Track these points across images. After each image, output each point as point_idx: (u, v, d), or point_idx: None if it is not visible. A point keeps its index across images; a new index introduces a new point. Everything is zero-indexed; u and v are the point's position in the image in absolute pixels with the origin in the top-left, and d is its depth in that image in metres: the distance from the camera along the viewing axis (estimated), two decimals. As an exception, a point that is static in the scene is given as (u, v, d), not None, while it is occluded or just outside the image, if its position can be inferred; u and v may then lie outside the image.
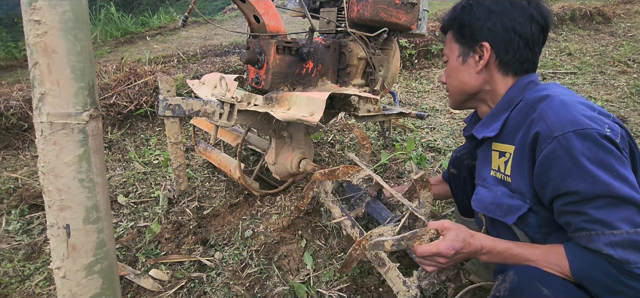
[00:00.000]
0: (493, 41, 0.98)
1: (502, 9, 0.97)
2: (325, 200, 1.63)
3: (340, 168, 1.50)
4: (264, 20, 1.66)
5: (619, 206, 0.77)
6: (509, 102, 0.99)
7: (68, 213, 0.84)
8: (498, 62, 1.00)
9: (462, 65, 1.05)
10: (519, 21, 0.96)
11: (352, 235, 1.45)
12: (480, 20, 0.99)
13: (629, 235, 0.75)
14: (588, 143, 0.78)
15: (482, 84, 1.04)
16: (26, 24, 0.76)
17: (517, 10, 0.96)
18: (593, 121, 0.80)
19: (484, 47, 0.99)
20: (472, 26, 1.01)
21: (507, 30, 0.96)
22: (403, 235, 1.01)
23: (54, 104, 0.79)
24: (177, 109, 1.47)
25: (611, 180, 0.77)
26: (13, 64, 4.92)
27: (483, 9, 0.99)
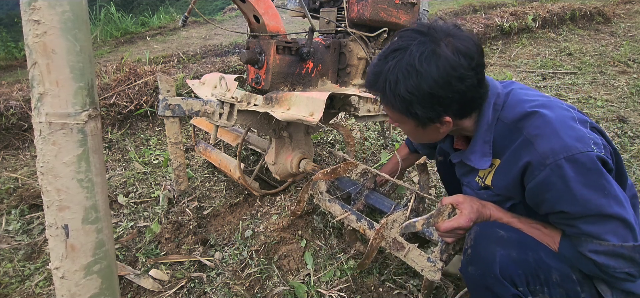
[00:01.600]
0: (447, 112, 0.94)
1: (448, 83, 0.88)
2: (322, 199, 1.63)
3: (340, 166, 1.52)
4: (264, 20, 1.66)
5: (606, 221, 0.86)
6: (490, 125, 1.00)
7: (67, 213, 0.84)
8: (458, 117, 0.98)
9: (424, 130, 1.00)
10: (469, 85, 0.90)
11: (360, 229, 1.47)
12: (428, 106, 0.91)
13: (614, 247, 0.86)
14: (579, 168, 0.85)
15: (447, 131, 1.01)
16: (25, 24, 0.76)
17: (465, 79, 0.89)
18: (581, 142, 0.85)
19: (444, 120, 0.95)
20: (425, 116, 0.93)
21: (460, 101, 0.92)
22: (431, 214, 1.08)
23: (53, 104, 0.79)
24: (177, 109, 1.47)
25: (601, 200, 0.85)
26: (13, 64, 4.92)
27: (422, 93, 0.89)
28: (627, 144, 2.53)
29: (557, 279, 0.94)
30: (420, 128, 1.00)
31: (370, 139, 2.81)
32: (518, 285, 0.94)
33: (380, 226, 1.28)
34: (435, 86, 0.88)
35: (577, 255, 0.92)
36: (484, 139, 1.01)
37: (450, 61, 0.87)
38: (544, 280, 0.94)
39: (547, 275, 0.94)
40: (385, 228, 1.29)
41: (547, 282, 0.94)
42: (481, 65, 0.93)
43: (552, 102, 0.96)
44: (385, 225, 1.29)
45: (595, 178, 0.85)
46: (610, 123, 2.85)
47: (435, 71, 0.87)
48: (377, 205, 1.62)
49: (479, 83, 0.93)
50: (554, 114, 0.90)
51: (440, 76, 0.87)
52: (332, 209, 1.59)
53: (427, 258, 1.23)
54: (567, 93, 3.53)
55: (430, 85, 0.88)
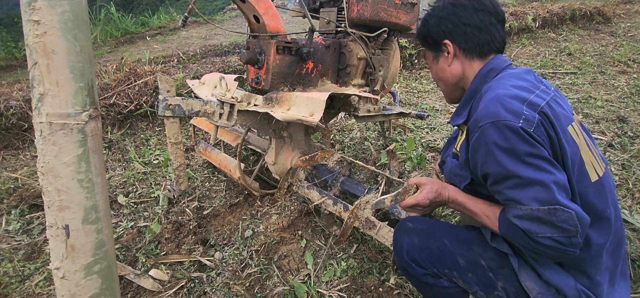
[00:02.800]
0: (451, 38, 1.16)
1: (448, 12, 1.16)
2: (301, 186, 1.76)
3: (318, 154, 1.66)
4: (264, 21, 1.66)
5: (527, 187, 0.91)
6: (473, 91, 1.14)
7: (67, 214, 0.84)
8: (462, 51, 1.16)
9: (437, 64, 1.23)
10: (465, 15, 1.13)
11: (335, 212, 1.61)
12: (434, 27, 1.19)
13: (531, 211, 0.90)
14: (501, 133, 0.92)
15: (457, 73, 1.19)
16: (25, 24, 0.76)
17: (461, 7, 1.14)
18: (511, 114, 0.93)
19: (446, 44, 1.16)
20: (432, 34, 1.20)
21: (457, 25, 1.14)
22: (398, 192, 1.24)
23: (53, 105, 0.79)
24: (177, 109, 1.47)
25: (518, 165, 0.91)
26: (13, 64, 4.92)
27: (434, 18, 1.19)
28: (627, 144, 2.53)
29: (464, 264, 1.07)
30: (435, 62, 1.23)
31: (371, 139, 2.81)
32: (424, 267, 1.12)
33: (354, 207, 1.42)
34: (442, 9, 1.16)
35: (510, 226, 0.96)
36: (465, 102, 1.16)
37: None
38: (450, 264, 1.09)
39: (453, 260, 1.08)
40: (359, 208, 1.44)
41: (455, 266, 1.08)
42: (496, 18, 1.13)
43: (520, 79, 1.05)
44: (358, 205, 1.43)
45: (515, 144, 0.91)
46: (610, 123, 2.85)
47: (442, 4, 1.17)
48: (351, 190, 1.78)
49: (488, 28, 1.12)
50: (506, 92, 0.98)
51: (444, 2, 1.17)
52: (310, 195, 1.72)
53: None
54: (567, 93, 3.53)
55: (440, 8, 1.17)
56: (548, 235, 0.90)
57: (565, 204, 0.88)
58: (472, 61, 1.16)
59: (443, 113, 3.27)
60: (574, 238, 0.89)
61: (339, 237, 1.49)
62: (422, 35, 1.25)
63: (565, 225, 0.88)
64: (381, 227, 1.42)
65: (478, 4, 1.14)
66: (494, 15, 1.14)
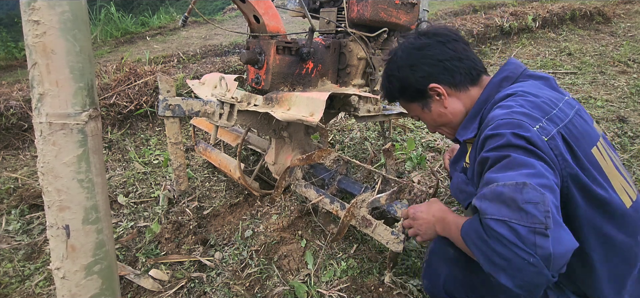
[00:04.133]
0: (435, 79, 1.05)
1: (417, 57, 1.06)
2: (298, 185, 1.76)
3: (315, 153, 1.65)
4: (264, 21, 1.66)
5: (512, 166, 0.76)
6: (484, 101, 1.03)
7: (67, 214, 0.84)
8: (453, 87, 1.06)
9: (431, 112, 1.11)
10: (436, 53, 1.04)
11: (332, 210, 1.61)
12: (409, 78, 1.08)
13: (495, 187, 0.74)
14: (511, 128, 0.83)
15: (458, 110, 1.07)
16: (25, 24, 0.76)
17: (427, 48, 1.05)
18: (526, 117, 0.84)
19: (434, 88, 1.05)
20: (409, 86, 1.09)
21: (435, 65, 1.04)
22: (393, 190, 1.26)
23: (53, 105, 0.79)
24: (177, 109, 1.47)
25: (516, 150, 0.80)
26: (13, 64, 4.92)
27: (404, 71, 1.08)
28: (627, 144, 2.53)
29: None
30: (427, 111, 1.12)
31: (371, 139, 2.81)
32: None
33: (351, 206, 1.43)
34: (407, 57, 1.08)
35: (470, 220, 0.84)
36: (474, 114, 1.04)
37: (409, 39, 1.10)
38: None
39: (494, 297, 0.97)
40: (355, 207, 1.44)
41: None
42: (451, 39, 1.05)
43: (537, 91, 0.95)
44: (355, 204, 1.44)
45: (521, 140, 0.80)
46: (610, 123, 2.85)
47: (400, 47, 1.11)
48: (348, 189, 1.78)
49: (465, 54, 1.05)
50: (521, 96, 0.91)
51: (406, 48, 1.09)
52: (308, 193, 1.72)
53: (391, 232, 1.37)
54: (567, 93, 3.53)
55: (404, 58, 1.08)
56: (504, 218, 0.68)
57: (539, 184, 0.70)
58: (468, 91, 1.06)
59: (443, 113, 3.26)
60: (540, 238, 0.65)
61: (336, 235, 1.50)
62: (396, 93, 1.13)
63: (531, 208, 0.66)
64: (377, 225, 1.43)
65: (441, 37, 1.06)
66: (460, 41, 1.07)
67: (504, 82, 1.02)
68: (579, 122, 0.90)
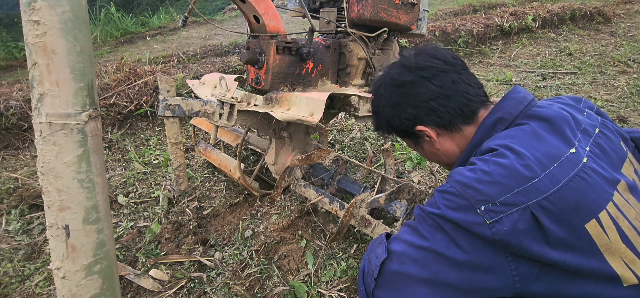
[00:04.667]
0: (421, 121, 0.94)
1: (398, 98, 0.96)
2: (298, 185, 1.77)
3: (314, 153, 1.65)
4: (264, 21, 1.66)
5: (410, 232, 0.80)
6: (475, 146, 0.90)
7: (67, 214, 0.84)
8: (443, 129, 0.94)
9: (423, 149, 1.02)
10: (419, 92, 0.92)
11: (332, 210, 1.62)
12: (393, 119, 0.98)
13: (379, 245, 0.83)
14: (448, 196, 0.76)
15: (452, 150, 0.96)
16: (25, 25, 0.76)
17: (408, 86, 0.93)
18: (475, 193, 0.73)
19: (421, 131, 0.95)
20: (395, 128, 1.00)
21: (418, 106, 0.93)
22: (392, 191, 1.25)
23: (53, 105, 0.79)
24: (177, 109, 1.47)
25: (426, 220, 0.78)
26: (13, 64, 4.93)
27: (387, 110, 0.99)
28: (627, 144, 2.53)
29: None
30: (419, 147, 1.03)
31: (370, 139, 2.81)
32: None
33: (350, 205, 1.43)
34: (390, 96, 0.97)
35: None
36: (464, 159, 0.93)
37: (392, 72, 0.98)
38: None
39: None
40: (355, 206, 1.44)
41: None
42: (438, 72, 0.91)
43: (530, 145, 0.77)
44: (354, 204, 1.43)
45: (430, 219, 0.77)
46: (610, 123, 2.85)
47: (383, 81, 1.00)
48: (347, 188, 1.79)
49: (452, 90, 0.90)
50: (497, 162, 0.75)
51: (388, 84, 0.98)
52: (307, 193, 1.73)
53: (390, 232, 1.35)
54: (567, 93, 3.53)
55: (387, 96, 0.98)
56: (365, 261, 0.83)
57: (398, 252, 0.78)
58: (462, 131, 0.93)
59: (443, 113, 3.27)
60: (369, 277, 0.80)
61: (335, 235, 1.51)
62: (384, 129, 1.04)
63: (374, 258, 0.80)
64: (377, 225, 1.43)
65: (427, 71, 0.91)
66: (448, 71, 0.91)
67: (498, 125, 0.87)
68: (574, 188, 0.71)
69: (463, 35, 4.83)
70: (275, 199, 1.87)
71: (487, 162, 0.77)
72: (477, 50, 4.89)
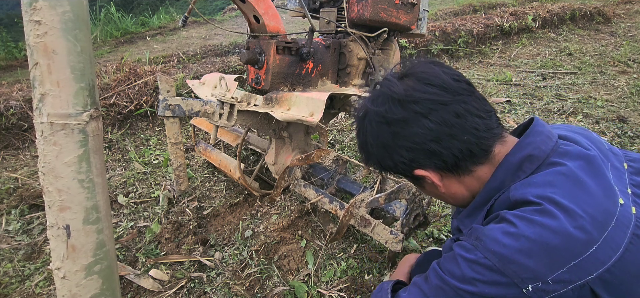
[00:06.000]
0: (420, 165, 0.78)
1: (387, 138, 0.78)
2: (297, 185, 1.77)
3: (314, 152, 1.65)
4: (264, 21, 1.66)
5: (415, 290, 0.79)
6: (495, 190, 0.76)
7: (68, 214, 0.84)
8: (447, 172, 0.78)
9: (426, 189, 0.88)
10: (412, 133, 0.74)
11: (331, 210, 1.62)
12: (385, 160, 0.82)
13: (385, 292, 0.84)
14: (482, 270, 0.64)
15: (459, 192, 0.82)
16: (26, 25, 0.76)
17: (399, 125, 0.75)
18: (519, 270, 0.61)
19: (420, 175, 0.79)
20: (387, 169, 0.84)
21: (413, 150, 0.76)
22: (391, 190, 1.26)
23: (54, 105, 0.79)
24: (177, 109, 1.47)
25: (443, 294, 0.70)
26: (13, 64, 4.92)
27: (377, 149, 0.81)
28: (627, 144, 2.53)
29: None
30: (421, 187, 0.89)
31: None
32: None
33: (350, 205, 1.43)
34: (378, 134, 0.80)
35: None
36: (480, 204, 0.79)
37: (377, 106, 0.78)
38: None
39: None
40: (354, 206, 1.44)
41: None
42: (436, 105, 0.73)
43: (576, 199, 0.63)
44: (354, 203, 1.44)
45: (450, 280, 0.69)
46: (610, 123, 2.85)
47: (367, 114, 0.81)
48: (347, 188, 1.80)
49: (456, 127, 0.72)
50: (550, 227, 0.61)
51: (374, 120, 0.79)
52: (307, 193, 1.74)
53: (390, 231, 1.38)
54: (567, 93, 3.53)
55: (374, 134, 0.81)
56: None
57: None
58: (472, 173, 0.77)
59: (443, 113, 3.27)
60: None
61: (335, 235, 1.51)
62: (376, 167, 0.87)
63: None
64: (376, 225, 1.43)
65: (419, 104, 0.72)
66: (451, 97, 0.72)
67: (526, 165, 0.71)
68: (636, 249, 0.61)
69: (463, 35, 4.83)
70: (275, 199, 1.87)
71: (529, 223, 0.62)
72: (477, 50, 4.89)
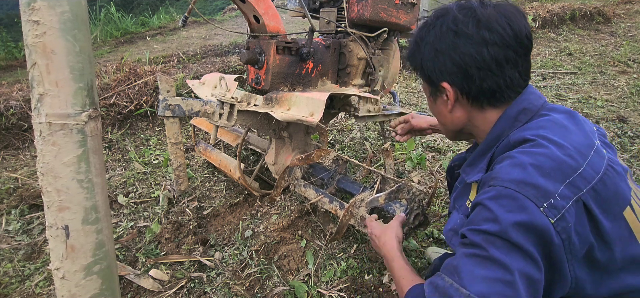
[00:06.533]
0: (450, 79, 0.87)
1: (447, 45, 0.85)
2: (297, 185, 1.76)
3: (314, 152, 1.64)
4: (264, 21, 1.66)
5: (485, 262, 0.69)
6: (496, 138, 0.86)
7: (67, 214, 0.84)
8: (467, 97, 0.88)
9: (435, 103, 0.96)
10: (468, 52, 0.82)
11: (331, 210, 1.61)
12: (429, 61, 0.89)
13: (450, 287, 0.70)
14: (507, 203, 0.69)
15: (461, 121, 0.93)
16: (25, 25, 0.76)
17: (464, 39, 0.83)
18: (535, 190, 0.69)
19: (445, 88, 0.88)
20: (426, 68, 0.91)
21: (458, 64, 0.84)
22: (391, 190, 1.25)
23: (53, 105, 0.79)
24: (177, 109, 1.47)
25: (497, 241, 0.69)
26: (13, 64, 4.93)
27: (429, 48, 0.89)
28: (627, 144, 2.53)
29: None
30: (432, 99, 0.96)
31: (370, 139, 2.81)
32: None
33: (350, 205, 1.42)
34: (438, 38, 0.87)
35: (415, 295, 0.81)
36: (483, 151, 0.89)
37: (458, 12, 0.85)
38: None
39: None
40: (354, 206, 1.43)
41: None
42: (515, 50, 0.81)
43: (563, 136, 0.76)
44: (353, 203, 1.43)
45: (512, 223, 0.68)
46: (610, 123, 2.85)
47: (444, 16, 0.87)
48: (347, 188, 1.78)
49: (501, 68, 0.82)
50: (540, 149, 0.73)
51: (446, 23, 0.86)
52: (307, 193, 1.72)
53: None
54: (567, 93, 3.53)
55: (436, 36, 0.88)
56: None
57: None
58: (484, 111, 0.88)
59: (443, 113, 3.26)
60: None
61: (335, 235, 1.50)
62: (415, 64, 0.96)
63: None
64: None
65: (489, 33, 0.81)
66: (512, 47, 0.81)
67: (521, 116, 0.84)
68: (611, 176, 0.74)
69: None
70: (275, 199, 1.87)
71: (529, 154, 0.73)
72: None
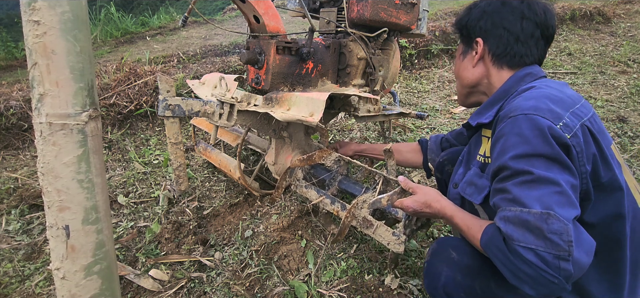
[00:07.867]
0: (485, 37, 1.08)
1: (493, 9, 1.07)
2: (299, 186, 1.76)
3: (315, 153, 1.64)
4: (263, 21, 1.66)
5: (536, 184, 0.79)
6: (505, 92, 1.04)
7: (67, 214, 0.84)
8: (491, 56, 1.08)
9: (462, 61, 1.17)
10: (509, 19, 1.04)
11: (333, 211, 1.61)
12: (474, 20, 1.11)
13: (521, 213, 0.78)
14: (532, 124, 0.83)
15: (479, 77, 1.12)
16: (25, 25, 0.76)
17: (508, 8, 1.05)
18: (550, 112, 0.84)
19: (477, 43, 1.09)
20: (469, 26, 1.13)
21: (496, 27, 1.06)
22: (394, 191, 1.27)
23: (53, 105, 0.79)
24: (177, 109, 1.47)
25: (537, 161, 0.80)
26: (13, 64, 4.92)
27: (478, 10, 1.11)
28: (627, 144, 2.53)
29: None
30: (461, 57, 1.17)
31: (371, 140, 2.81)
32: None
33: (352, 206, 1.43)
34: (488, 4, 1.09)
35: (492, 234, 0.85)
36: (493, 101, 1.06)
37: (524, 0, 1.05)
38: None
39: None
40: (356, 207, 1.44)
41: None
42: (542, 32, 1.03)
43: (559, 88, 0.96)
44: (356, 204, 1.43)
45: (543, 142, 0.81)
46: (610, 123, 2.85)
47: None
48: (349, 189, 1.78)
49: (528, 40, 1.03)
50: (548, 92, 0.91)
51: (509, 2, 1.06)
52: (308, 194, 1.72)
53: (392, 233, 1.37)
54: (567, 93, 3.53)
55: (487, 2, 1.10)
56: (531, 246, 0.74)
57: (563, 215, 0.74)
58: (501, 70, 1.07)
59: (443, 113, 3.27)
60: (564, 263, 0.72)
61: (337, 236, 1.50)
62: (461, 23, 1.16)
63: (556, 238, 0.72)
64: (378, 226, 1.42)
65: (529, 11, 1.03)
66: (541, 27, 1.03)
67: (527, 77, 1.03)
68: (597, 120, 0.93)
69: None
70: (276, 199, 1.87)
71: (538, 91, 0.92)
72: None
